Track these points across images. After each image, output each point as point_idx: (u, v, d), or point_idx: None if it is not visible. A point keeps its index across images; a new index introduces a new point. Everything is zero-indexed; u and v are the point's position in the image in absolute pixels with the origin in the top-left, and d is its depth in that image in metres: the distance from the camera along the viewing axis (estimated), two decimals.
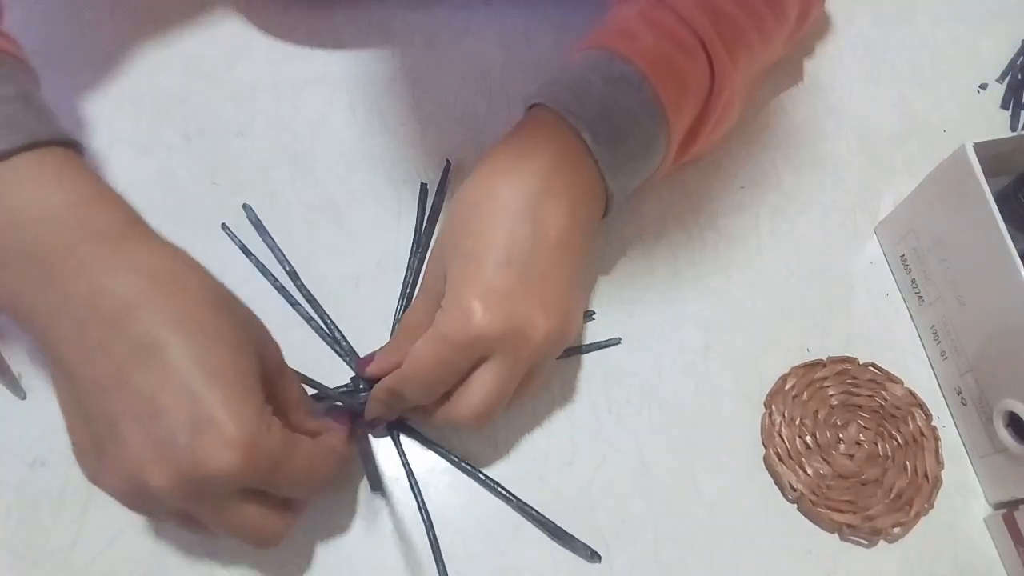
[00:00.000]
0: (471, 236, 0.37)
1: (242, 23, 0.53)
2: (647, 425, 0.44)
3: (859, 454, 0.44)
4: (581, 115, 0.40)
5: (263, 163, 0.49)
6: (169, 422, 0.29)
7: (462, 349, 0.36)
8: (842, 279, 0.50)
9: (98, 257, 0.31)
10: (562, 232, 0.38)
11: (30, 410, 0.41)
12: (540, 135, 0.40)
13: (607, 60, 0.41)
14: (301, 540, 0.40)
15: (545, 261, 0.37)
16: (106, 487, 0.32)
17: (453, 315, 0.36)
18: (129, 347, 0.30)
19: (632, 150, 0.41)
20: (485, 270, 0.36)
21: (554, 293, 0.37)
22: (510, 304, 0.35)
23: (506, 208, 0.37)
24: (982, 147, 0.42)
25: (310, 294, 0.45)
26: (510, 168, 0.39)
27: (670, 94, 0.41)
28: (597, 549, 0.41)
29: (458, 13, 0.55)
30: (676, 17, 0.43)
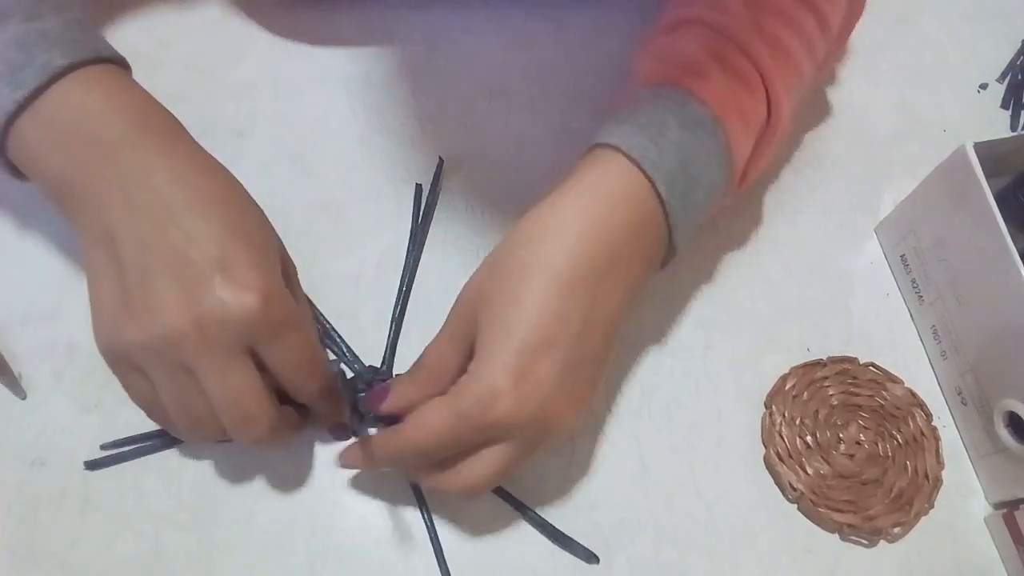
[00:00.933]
0: (514, 305, 0.34)
1: (242, 23, 0.53)
2: (647, 425, 0.44)
3: (859, 454, 0.44)
4: (659, 164, 0.37)
5: (263, 163, 0.49)
6: (197, 269, 0.33)
7: (479, 430, 0.34)
8: (842, 279, 0.50)
9: (154, 144, 0.35)
10: (613, 315, 0.36)
11: (30, 410, 0.41)
12: (612, 188, 0.37)
13: (682, 101, 0.39)
14: (300, 540, 0.40)
15: (587, 348, 0.35)
16: (130, 337, 0.33)
17: (478, 394, 0.33)
18: (172, 212, 0.34)
19: (700, 201, 0.39)
20: (524, 353, 0.33)
21: (587, 382, 0.36)
22: (541, 395, 0.34)
23: (560, 282, 0.34)
24: (982, 147, 0.42)
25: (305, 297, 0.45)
26: (573, 229, 0.35)
27: (739, 138, 0.40)
28: (597, 549, 0.41)
29: (458, 13, 0.55)
30: (738, 49, 0.41)
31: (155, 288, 0.33)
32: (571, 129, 0.52)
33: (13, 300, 0.44)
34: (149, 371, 0.34)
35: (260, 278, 0.33)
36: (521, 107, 0.52)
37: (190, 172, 0.35)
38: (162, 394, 0.34)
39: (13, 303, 0.43)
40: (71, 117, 0.35)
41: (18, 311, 0.43)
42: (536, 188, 0.49)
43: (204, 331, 0.32)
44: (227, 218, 0.34)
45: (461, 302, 0.37)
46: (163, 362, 0.33)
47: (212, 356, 0.33)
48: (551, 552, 0.41)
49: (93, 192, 0.34)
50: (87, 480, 0.40)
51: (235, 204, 0.36)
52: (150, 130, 0.36)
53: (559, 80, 0.53)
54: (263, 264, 0.34)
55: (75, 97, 0.35)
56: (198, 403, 0.34)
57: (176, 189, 0.34)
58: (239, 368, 0.33)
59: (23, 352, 0.42)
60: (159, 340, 0.32)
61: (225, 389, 0.33)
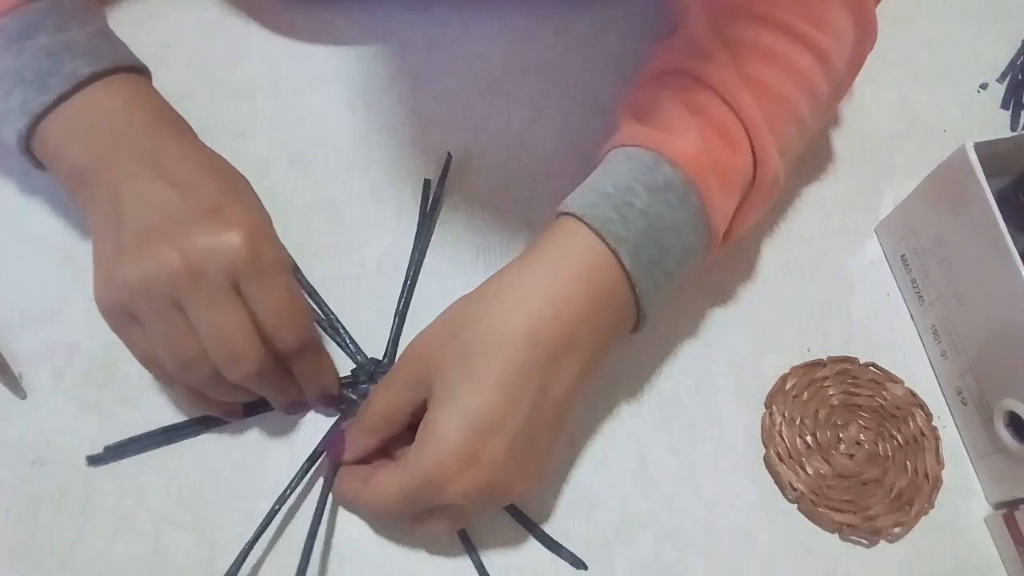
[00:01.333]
0: (468, 377, 0.35)
1: (242, 23, 0.53)
2: (647, 425, 0.44)
3: (859, 454, 0.44)
4: (623, 236, 0.36)
5: (263, 163, 0.49)
6: (192, 212, 0.35)
7: (428, 502, 0.35)
8: (842, 279, 0.50)
9: (169, 136, 0.38)
10: (567, 393, 0.36)
11: (30, 410, 0.41)
12: (575, 259, 0.36)
13: (651, 164, 0.38)
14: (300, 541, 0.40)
15: (539, 426, 0.35)
16: (123, 275, 0.34)
17: (428, 475, 0.34)
18: (177, 180, 0.36)
19: (671, 269, 0.38)
20: (474, 435, 0.34)
21: (538, 458, 0.36)
22: (490, 476, 0.34)
23: (517, 360, 0.34)
24: (982, 147, 0.42)
25: (311, 286, 0.45)
26: (534, 304, 0.35)
27: (716, 198, 0.38)
28: (597, 549, 0.41)
29: (458, 13, 0.55)
30: (720, 103, 0.40)
31: (149, 233, 0.35)
32: (571, 129, 0.52)
33: (13, 300, 0.44)
34: (141, 314, 0.35)
35: (251, 221, 0.36)
36: (521, 107, 0.52)
37: (199, 155, 0.38)
38: (153, 336, 0.35)
39: (13, 303, 0.43)
40: (93, 116, 0.38)
41: (18, 311, 0.43)
42: (536, 188, 0.49)
43: (191, 264, 0.34)
44: (226, 185, 0.37)
45: (416, 356, 0.37)
46: (152, 299, 0.34)
47: (199, 289, 0.34)
48: (552, 552, 0.41)
49: (106, 171, 0.37)
50: (87, 480, 0.40)
51: (238, 183, 0.39)
52: (164, 126, 0.39)
53: (559, 80, 0.53)
54: (254, 210, 0.37)
55: (98, 100, 0.38)
56: (188, 341, 0.35)
57: (184, 165, 0.37)
58: (226, 302, 0.35)
59: (23, 352, 0.42)
60: (148, 276, 0.34)
61: (212, 323, 0.34)
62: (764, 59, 0.41)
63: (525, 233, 0.48)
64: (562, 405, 0.36)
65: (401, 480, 0.35)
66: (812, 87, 0.42)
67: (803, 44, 0.41)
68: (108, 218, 0.36)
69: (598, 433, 0.44)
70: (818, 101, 0.43)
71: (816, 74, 0.42)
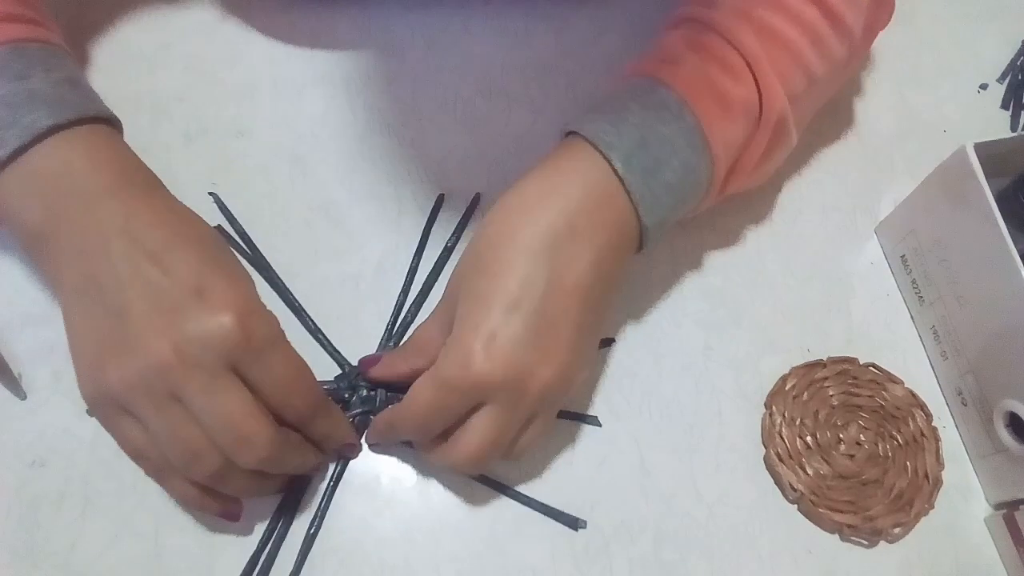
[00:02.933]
0: (484, 275, 0.36)
1: (242, 23, 0.53)
2: (647, 425, 0.44)
3: (859, 454, 0.44)
4: (615, 144, 0.38)
5: (263, 163, 0.49)
6: (175, 297, 0.33)
7: (460, 394, 0.35)
8: (842, 279, 0.50)
9: (135, 197, 0.36)
10: (580, 279, 0.37)
11: (30, 410, 0.41)
12: (571, 167, 0.38)
13: (648, 87, 0.40)
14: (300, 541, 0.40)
15: (556, 309, 0.36)
16: (113, 375, 0.33)
17: (453, 358, 0.35)
18: (149, 252, 0.34)
19: (670, 181, 0.39)
20: (491, 315, 0.35)
21: (560, 343, 0.36)
22: (512, 352, 0.35)
23: (524, 249, 0.36)
24: (982, 147, 0.42)
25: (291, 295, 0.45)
26: (534, 204, 0.37)
27: (714, 121, 0.40)
28: (597, 549, 0.41)
29: (458, 13, 0.55)
30: (722, 40, 0.41)
31: (133, 322, 0.33)
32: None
33: (13, 300, 0.44)
34: (137, 410, 0.33)
35: (237, 298, 0.34)
36: (521, 107, 0.52)
37: (168, 217, 0.36)
38: (153, 431, 0.34)
39: (13, 303, 0.43)
40: (53, 172, 0.35)
41: (18, 311, 0.43)
42: None
43: (185, 355, 0.32)
44: (204, 253, 0.35)
45: (447, 287, 0.39)
46: (149, 395, 0.33)
47: (197, 379, 0.32)
48: (552, 552, 0.41)
49: (71, 241, 0.35)
50: (87, 480, 0.40)
51: (212, 244, 0.37)
52: (129, 185, 0.36)
53: (559, 80, 0.53)
54: (239, 286, 0.35)
55: (58, 154, 0.36)
56: (191, 432, 0.33)
57: (154, 232, 0.35)
58: (226, 388, 0.33)
59: (23, 352, 0.42)
60: (142, 372, 0.32)
61: (216, 411, 0.33)
62: (771, 7, 0.42)
63: None
64: (575, 293, 0.36)
65: (430, 375, 0.36)
66: (819, 39, 0.43)
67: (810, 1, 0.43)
68: (82, 300, 0.34)
69: (598, 433, 0.44)
70: (827, 55, 0.44)
71: (823, 27, 0.43)
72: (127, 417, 0.34)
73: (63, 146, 0.36)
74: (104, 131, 0.38)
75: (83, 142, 0.36)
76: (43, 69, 0.37)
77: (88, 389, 0.34)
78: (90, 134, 0.37)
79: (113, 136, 0.39)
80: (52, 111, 0.36)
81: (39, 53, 0.38)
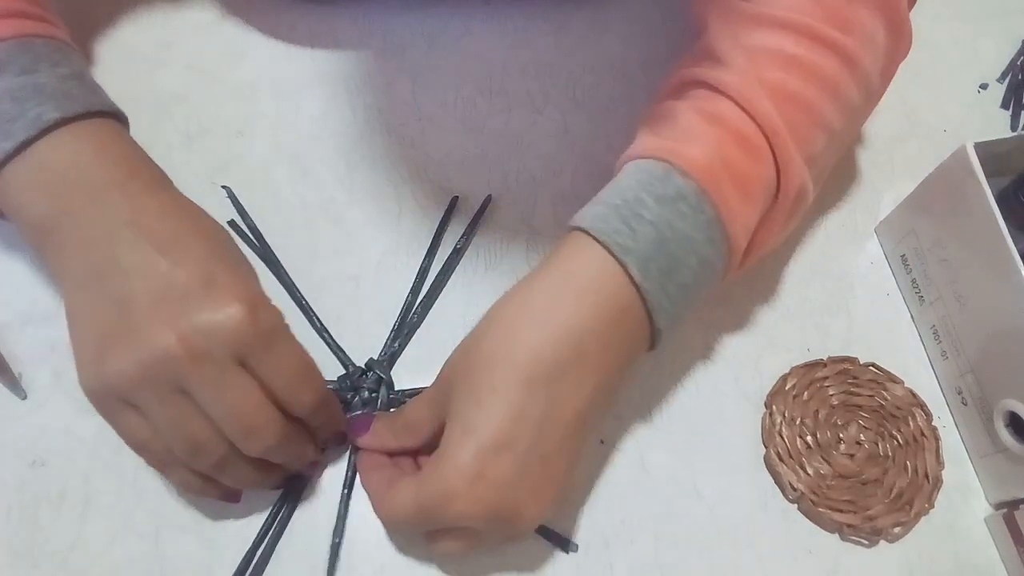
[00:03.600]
0: (476, 403, 0.34)
1: (242, 23, 0.53)
2: (647, 425, 0.44)
3: (859, 454, 0.44)
4: (631, 248, 0.35)
5: (263, 163, 0.49)
6: (182, 288, 0.33)
7: (439, 520, 0.34)
8: (842, 279, 0.50)
9: (143, 191, 0.36)
10: (580, 412, 0.35)
11: (30, 410, 0.41)
12: (581, 274, 0.35)
13: (662, 175, 0.36)
14: (300, 541, 0.40)
15: (550, 445, 0.34)
16: (116, 366, 0.32)
17: (435, 489, 0.34)
18: (157, 244, 0.34)
19: (687, 281, 0.36)
20: (480, 454, 0.33)
21: (551, 478, 0.35)
22: (497, 495, 0.33)
23: (522, 379, 0.34)
24: (982, 147, 0.42)
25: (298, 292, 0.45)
26: (539, 318, 0.35)
27: (733, 208, 0.36)
28: (597, 549, 0.41)
29: (458, 13, 0.55)
30: (736, 108, 0.38)
31: (139, 312, 0.32)
32: (571, 129, 0.52)
33: (13, 300, 0.44)
34: (140, 402, 0.33)
35: (245, 290, 0.34)
36: (521, 107, 0.52)
37: (176, 212, 0.36)
38: (157, 423, 0.33)
39: (13, 303, 0.43)
40: (60, 166, 0.35)
41: (18, 311, 0.43)
42: (536, 188, 0.49)
43: (192, 347, 0.32)
44: (211, 247, 0.35)
45: (441, 375, 0.37)
46: (154, 387, 0.32)
47: (205, 371, 0.32)
48: (552, 552, 0.41)
49: (77, 232, 0.34)
50: (87, 480, 0.40)
51: (219, 239, 0.37)
52: (137, 178, 0.36)
53: (559, 80, 0.53)
54: (249, 278, 0.36)
55: (65, 148, 0.36)
56: (197, 424, 0.33)
57: (161, 225, 0.35)
58: (235, 379, 0.33)
59: (23, 352, 0.42)
60: (146, 362, 0.32)
61: (224, 402, 0.33)
62: (785, 64, 0.39)
63: (525, 234, 0.48)
64: (574, 425, 0.35)
65: (413, 494, 0.35)
66: (839, 92, 0.40)
67: (827, 47, 0.39)
68: (86, 290, 0.34)
69: (598, 433, 0.44)
70: (847, 106, 0.41)
71: (843, 78, 0.40)
72: (129, 408, 0.33)
73: (70, 139, 0.36)
74: (111, 126, 0.38)
75: (90, 136, 0.37)
76: (50, 64, 0.37)
77: (89, 381, 0.33)
78: (97, 128, 0.37)
79: (120, 131, 0.39)
80: (59, 104, 0.36)
81: (45, 48, 0.38)
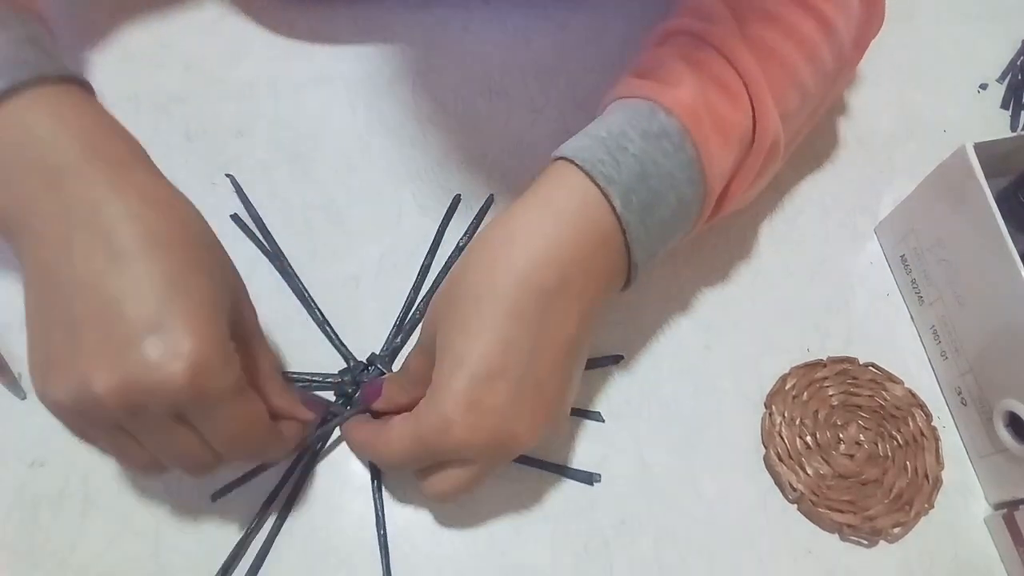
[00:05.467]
0: (465, 334, 0.34)
1: (242, 23, 0.53)
2: (647, 425, 0.44)
3: (859, 454, 0.44)
4: (614, 178, 0.35)
5: (263, 163, 0.49)
6: (128, 325, 0.30)
7: (438, 453, 0.35)
8: (842, 279, 0.50)
9: (103, 175, 0.32)
10: (568, 338, 0.35)
11: (30, 410, 0.41)
12: (564, 201, 0.36)
13: (647, 112, 0.37)
14: (300, 542, 0.40)
15: (543, 371, 0.35)
16: (54, 395, 0.31)
17: (432, 420, 0.34)
18: (111, 256, 0.30)
19: (664, 218, 0.37)
20: (473, 383, 0.33)
21: (546, 404, 0.35)
22: (494, 420, 0.34)
23: (510, 310, 0.34)
24: (982, 147, 0.42)
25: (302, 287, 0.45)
26: (522, 242, 0.35)
27: (712, 150, 0.37)
28: (597, 549, 0.41)
29: (458, 13, 0.55)
30: (720, 58, 0.40)
31: (82, 344, 0.30)
32: (571, 129, 0.51)
33: (13, 300, 0.43)
34: (79, 424, 0.33)
35: (194, 342, 0.30)
36: (521, 107, 0.52)
37: (141, 208, 0.32)
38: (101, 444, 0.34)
39: (13, 303, 0.43)
40: (14, 141, 0.32)
41: (18, 311, 0.43)
42: None
43: (128, 399, 0.30)
44: (173, 266, 0.31)
45: (427, 318, 0.37)
46: (91, 420, 0.31)
47: (139, 420, 0.31)
48: (552, 552, 0.41)
49: (32, 226, 0.32)
50: (87, 480, 0.40)
51: (187, 247, 0.32)
52: (101, 158, 0.32)
53: (559, 80, 0.53)
54: (205, 322, 0.31)
55: (19, 120, 0.32)
56: (135, 451, 0.33)
57: (122, 228, 0.31)
58: (170, 431, 0.32)
59: (23, 352, 0.42)
60: (82, 402, 0.30)
61: (158, 445, 0.32)
62: (767, 22, 0.41)
63: None
64: (563, 350, 0.35)
65: (409, 428, 0.35)
66: (815, 53, 0.42)
67: (806, 10, 0.42)
68: (38, 295, 0.32)
69: (598, 432, 0.44)
70: (821, 69, 0.43)
71: (819, 41, 0.42)
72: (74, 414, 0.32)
73: (23, 110, 0.32)
74: (74, 93, 0.34)
75: (47, 106, 0.33)
76: (1, 26, 0.34)
77: (37, 390, 0.32)
78: (57, 96, 0.33)
79: (84, 99, 0.35)
80: (9, 71, 0.32)
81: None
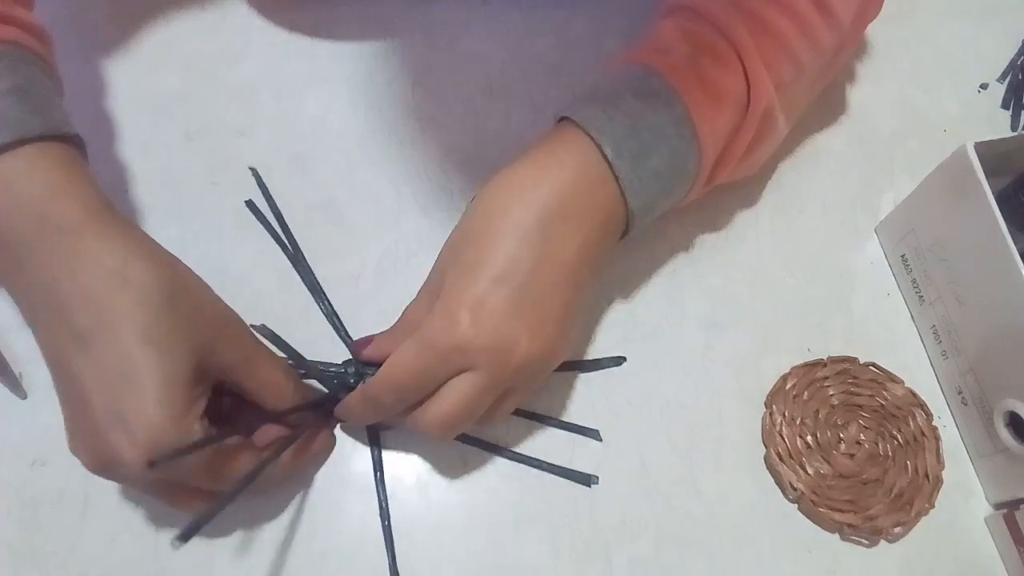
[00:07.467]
0: (473, 246, 0.37)
1: (242, 23, 0.53)
2: (647, 425, 0.44)
3: (860, 454, 0.44)
4: (606, 130, 0.39)
5: (263, 163, 0.49)
6: (95, 413, 0.33)
7: (443, 357, 0.35)
8: (842, 279, 0.50)
9: (53, 252, 0.33)
10: (568, 258, 0.38)
11: (30, 410, 0.41)
12: (563, 151, 0.39)
13: (640, 75, 0.41)
14: (300, 541, 0.40)
15: (543, 286, 0.37)
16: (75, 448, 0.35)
17: (439, 322, 0.36)
18: (71, 336, 0.33)
19: (657, 168, 0.40)
20: (479, 283, 0.36)
21: (546, 318, 0.37)
22: (497, 320, 0.35)
23: (515, 225, 0.37)
24: (982, 147, 0.42)
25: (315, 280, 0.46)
26: (527, 184, 0.38)
27: (703, 110, 0.40)
28: (597, 549, 0.41)
29: (458, 12, 0.55)
30: (713, 29, 0.42)
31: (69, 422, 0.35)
32: None
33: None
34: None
35: (144, 432, 0.32)
36: (521, 107, 0.52)
37: (92, 285, 0.33)
38: None
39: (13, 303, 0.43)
40: None
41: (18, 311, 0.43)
42: None
43: (105, 471, 0.35)
44: (122, 350, 0.32)
45: (437, 261, 0.40)
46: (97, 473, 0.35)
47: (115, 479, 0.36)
48: (552, 552, 0.41)
49: (15, 296, 0.35)
50: (87, 480, 0.40)
51: (142, 317, 0.33)
52: (51, 231, 0.33)
53: (559, 80, 0.53)
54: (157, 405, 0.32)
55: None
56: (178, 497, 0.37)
57: (76, 310, 0.33)
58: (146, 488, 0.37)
59: (23, 352, 0.42)
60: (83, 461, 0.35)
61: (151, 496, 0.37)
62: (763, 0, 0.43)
63: None
64: (564, 272, 0.37)
65: (416, 336, 0.36)
66: (810, 31, 0.44)
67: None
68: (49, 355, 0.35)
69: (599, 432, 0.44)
70: (816, 45, 0.44)
71: (815, 19, 0.44)
72: None
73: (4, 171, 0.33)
74: (39, 151, 0.34)
75: (9, 170, 0.33)
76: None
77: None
78: (17, 159, 0.34)
79: (46, 157, 0.35)
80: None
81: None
